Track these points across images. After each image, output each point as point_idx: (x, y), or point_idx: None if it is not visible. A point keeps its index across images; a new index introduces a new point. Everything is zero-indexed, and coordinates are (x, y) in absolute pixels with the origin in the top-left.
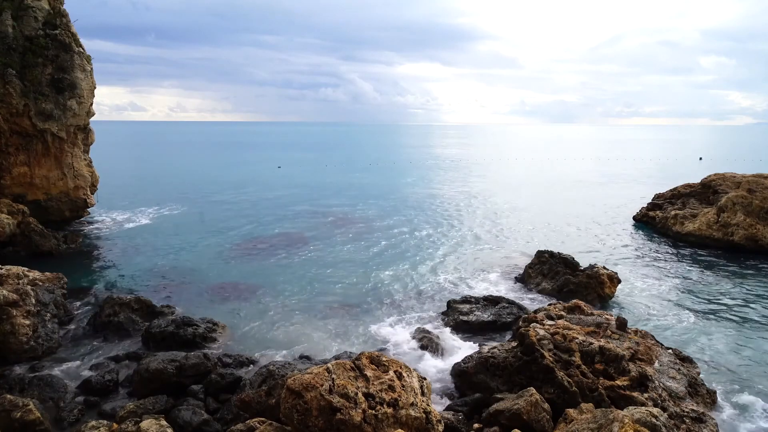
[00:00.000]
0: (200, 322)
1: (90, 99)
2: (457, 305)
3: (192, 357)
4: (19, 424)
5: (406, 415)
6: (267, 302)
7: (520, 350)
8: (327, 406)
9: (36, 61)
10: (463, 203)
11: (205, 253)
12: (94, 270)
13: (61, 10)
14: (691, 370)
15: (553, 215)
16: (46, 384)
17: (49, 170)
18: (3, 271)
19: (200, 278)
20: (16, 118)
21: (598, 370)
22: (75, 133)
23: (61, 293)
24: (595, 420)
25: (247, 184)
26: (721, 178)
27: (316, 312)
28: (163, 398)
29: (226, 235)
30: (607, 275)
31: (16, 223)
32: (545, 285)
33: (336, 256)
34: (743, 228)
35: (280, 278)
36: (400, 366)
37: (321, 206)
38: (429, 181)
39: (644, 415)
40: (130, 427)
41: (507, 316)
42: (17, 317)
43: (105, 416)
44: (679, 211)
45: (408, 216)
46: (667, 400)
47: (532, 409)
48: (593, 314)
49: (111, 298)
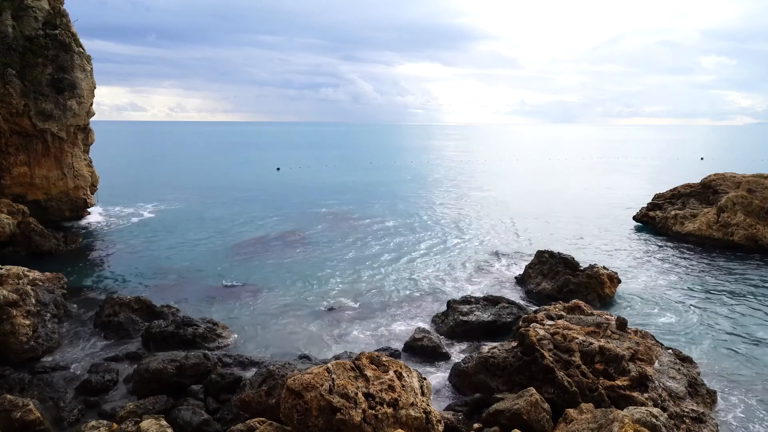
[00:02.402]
0: (200, 322)
1: (90, 99)
2: (457, 305)
3: (192, 357)
4: (19, 424)
5: (406, 415)
6: (267, 302)
7: (520, 350)
8: (327, 406)
9: (36, 61)
10: (463, 203)
11: (205, 253)
12: (94, 270)
13: (61, 10)
14: (691, 370)
15: (553, 215)
16: (46, 384)
17: (49, 170)
18: (3, 271)
19: (200, 278)
20: (16, 118)
21: (598, 370)
22: (75, 133)
23: (61, 293)
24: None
25: (247, 184)
26: (721, 178)
27: (316, 312)
28: (163, 398)
29: (226, 236)
30: (607, 275)
31: (16, 223)
32: (545, 285)
33: (336, 256)
34: (743, 228)
35: (280, 278)
36: (400, 366)
37: (321, 206)
38: (429, 181)
39: (644, 415)
40: (130, 427)
41: (507, 316)
42: (17, 317)
43: (105, 416)
44: (679, 211)
45: (408, 216)
46: (667, 400)
47: (532, 409)
48: (593, 314)
49: (111, 298)
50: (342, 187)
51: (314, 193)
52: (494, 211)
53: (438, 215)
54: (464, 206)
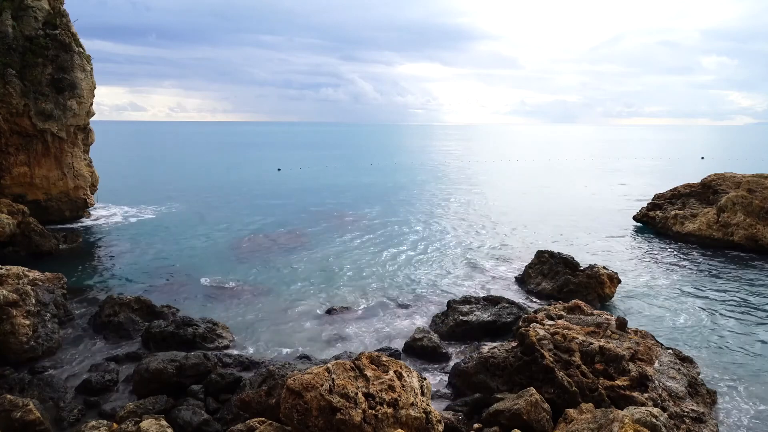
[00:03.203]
0: (200, 322)
1: (90, 99)
2: (457, 305)
3: (192, 357)
4: (19, 424)
5: (406, 415)
6: (267, 302)
7: (520, 350)
8: (327, 406)
9: (36, 61)
10: (463, 203)
11: (205, 253)
12: (94, 270)
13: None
14: (691, 370)
15: (553, 215)
16: (46, 384)
17: (49, 170)
18: (3, 271)
19: (200, 278)
20: (16, 118)
21: (598, 370)
22: (75, 133)
23: (61, 293)
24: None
25: (248, 184)
26: (721, 178)
27: (316, 312)
28: (163, 398)
29: (226, 235)
30: (607, 275)
31: (16, 223)
32: (545, 285)
33: (336, 256)
34: (743, 228)
35: (281, 278)
36: (400, 366)
37: (321, 206)
38: (429, 181)
39: (644, 415)
40: (130, 427)
41: (507, 316)
42: (17, 317)
43: (105, 416)
44: (679, 211)
45: (408, 216)
46: (667, 400)
47: (532, 409)
48: (593, 314)
49: (111, 298)
50: (342, 188)
51: (314, 194)
52: (494, 210)
53: (438, 215)
54: (464, 206)
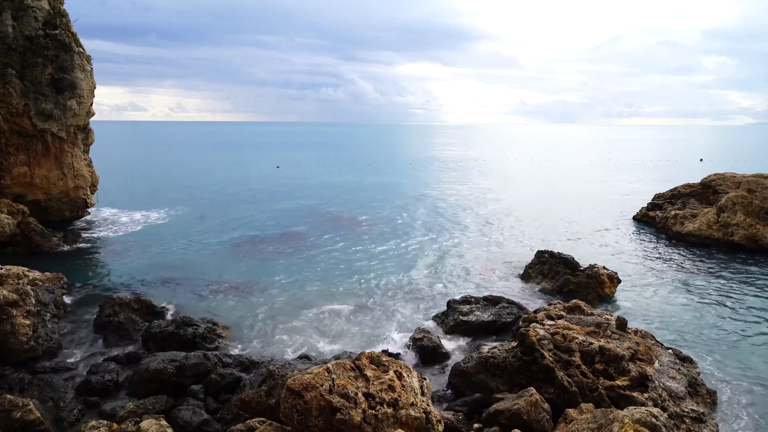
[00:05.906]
0: (200, 322)
1: (90, 99)
2: (457, 305)
3: (192, 357)
4: (19, 424)
5: (406, 415)
6: (267, 302)
7: (520, 350)
8: (327, 406)
9: (36, 61)
10: (463, 203)
11: (205, 253)
12: (94, 270)
13: (61, 10)
14: (691, 370)
15: (553, 215)
16: (46, 384)
17: (49, 170)
18: (3, 271)
19: (200, 278)
20: (16, 118)
21: (598, 370)
22: (75, 133)
23: (61, 293)
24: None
25: (248, 184)
26: (721, 178)
27: (316, 312)
28: (163, 398)
29: (226, 235)
30: (607, 275)
31: (16, 223)
32: (545, 285)
33: (336, 256)
34: (743, 228)
35: (280, 278)
36: (400, 366)
37: (321, 206)
38: (429, 181)
39: (644, 415)
40: (130, 427)
41: (507, 316)
42: (17, 317)
43: (105, 416)
44: (679, 211)
45: (408, 216)
46: (667, 400)
47: (532, 409)
48: (593, 314)
49: (111, 298)
50: (342, 187)
51: (315, 194)
52: (494, 210)
53: (438, 215)
54: (464, 206)
